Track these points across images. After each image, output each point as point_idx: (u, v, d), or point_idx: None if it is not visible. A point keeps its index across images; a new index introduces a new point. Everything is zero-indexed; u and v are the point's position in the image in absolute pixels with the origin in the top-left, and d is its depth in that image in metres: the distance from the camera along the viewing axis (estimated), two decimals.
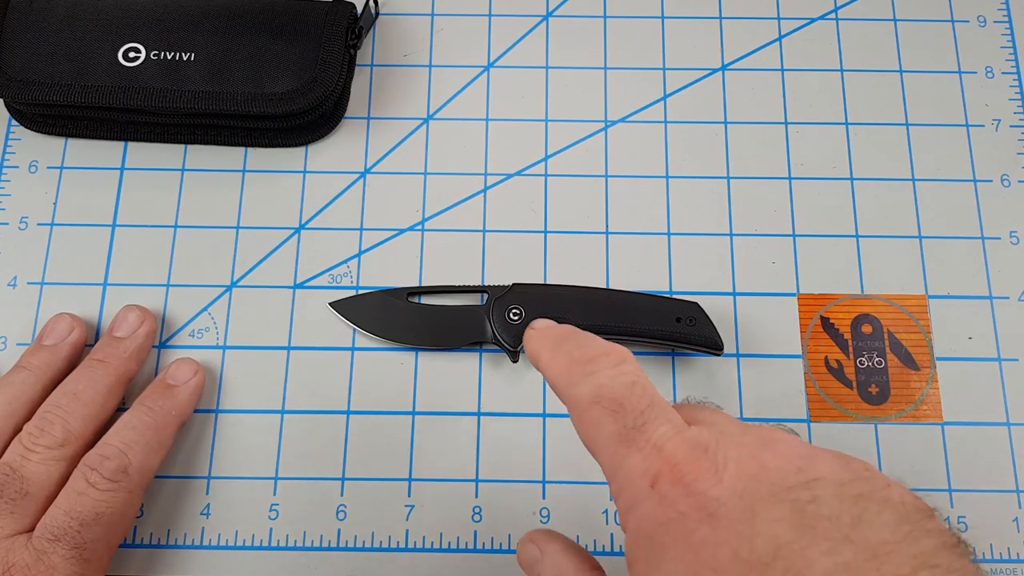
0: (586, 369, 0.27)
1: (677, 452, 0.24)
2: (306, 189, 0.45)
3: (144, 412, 0.38)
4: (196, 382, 0.40)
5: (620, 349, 0.28)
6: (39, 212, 0.44)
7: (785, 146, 0.45)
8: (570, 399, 0.27)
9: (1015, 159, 0.45)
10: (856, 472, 0.24)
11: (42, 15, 0.43)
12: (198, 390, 0.40)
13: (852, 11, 0.48)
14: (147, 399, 0.38)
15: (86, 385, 0.38)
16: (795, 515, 0.22)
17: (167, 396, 0.39)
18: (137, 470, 0.36)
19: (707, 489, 0.23)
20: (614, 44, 0.48)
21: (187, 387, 0.39)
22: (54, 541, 0.33)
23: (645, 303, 0.41)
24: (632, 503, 0.25)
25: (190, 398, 0.39)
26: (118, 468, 0.35)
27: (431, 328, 0.41)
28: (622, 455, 0.25)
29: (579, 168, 0.45)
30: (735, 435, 0.25)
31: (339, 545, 0.39)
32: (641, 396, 0.26)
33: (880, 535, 0.22)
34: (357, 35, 0.45)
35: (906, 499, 0.23)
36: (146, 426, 0.37)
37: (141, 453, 0.36)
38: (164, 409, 0.38)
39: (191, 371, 0.40)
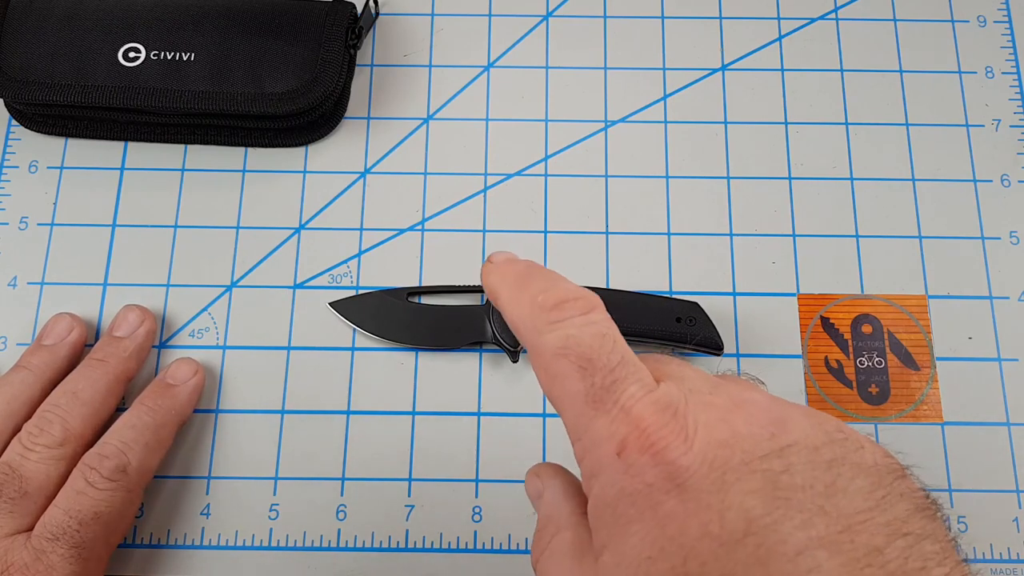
0: (552, 315, 0.25)
1: (645, 415, 0.22)
2: (306, 189, 0.45)
3: (144, 411, 0.38)
4: (196, 381, 0.40)
5: (589, 295, 0.25)
6: (39, 212, 0.44)
7: (785, 146, 0.45)
8: (534, 347, 0.25)
9: (1015, 159, 0.45)
10: (829, 434, 0.23)
11: (42, 15, 0.43)
12: (198, 389, 0.40)
13: (852, 11, 0.48)
14: (147, 399, 0.38)
15: (86, 384, 0.38)
16: (768, 486, 0.21)
17: (167, 396, 0.39)
18: (136, 469, 0.36)
19: (676, 458, 0.22)
20: (614, 44, 0.48)
21: (187, 386, 0.39)
22: (53, 540, 0.33)
23: (645, 303, 0.41)
24: (596, 469, 0.23)
25: (190, 397, 0.39)
26: (117, 467, 0.35)
27: (431, 328, 0.41)
28: (588, 416, 0.23)
29: (579, 168, 0.45)
30: (704, 393, 0.23)
31: (339, 545, 0.39)
32: (611, 351, 0.24)
33: (853, 503, 0.21)
34: (357, 35, 0.45)
35: (879, 460, 0.23)
36: (145, 425, 0.37)
37: (140, 452, 0.36)
38: (164, 408, 0.38)
39: (191, 371, 0.40)
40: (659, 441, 0.22)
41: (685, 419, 0.22)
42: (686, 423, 0.22)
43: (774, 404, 0.23)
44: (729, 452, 0.22)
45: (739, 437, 0.22)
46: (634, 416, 0.22)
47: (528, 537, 0.39)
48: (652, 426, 0.22)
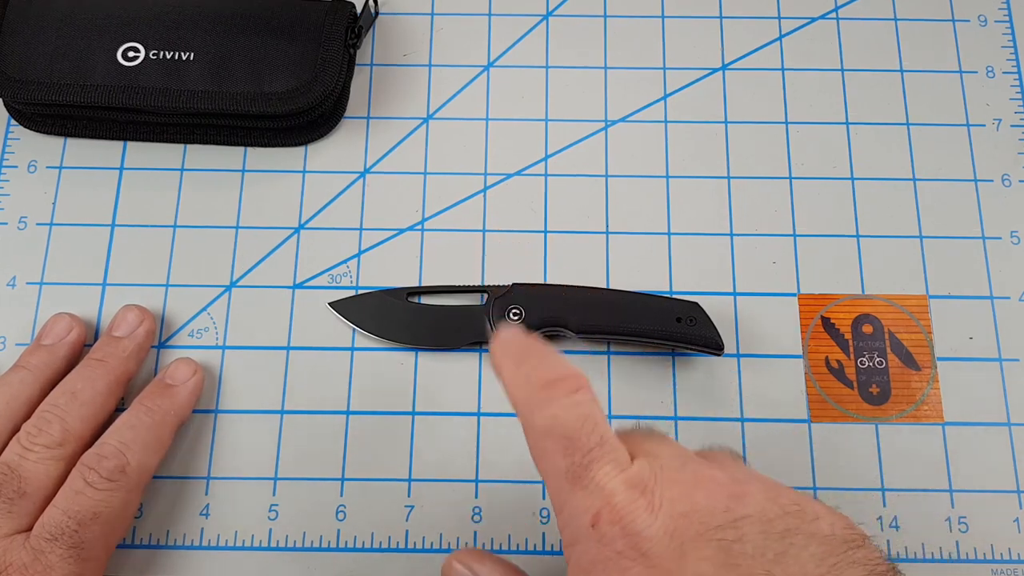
0: (541, 395, 0.27)
1: (617, 492, 0.25)
2: (306, 189, 0.45)
3: (143, 412, 0.37)
4: (195, 382, 0.40)
5: (577, 374, 0.28)
6: (38, 212, 0.44)
7: (785, 146, 0.45)
8: (525, 424, 0.28)
9: (1015, 159, 0.45)
10: (784, 507, 0.25)
11: (42, 15, 0.43)
12: (197, 390, 0.40)
13: (852, 11, 0.48)
14: (146, 399, 0.38)
15: (84, 384, 0.37)
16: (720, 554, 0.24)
17: (166, 396, 0.38)
18: (135, 469, 0.36)
19: (642, 529, 0.24)
20: (614, 44, 0.48)
21: (186, 387, 0.39)
22: (52, 540, 0.33)
23: (645, 303, 0.40)
24: (574, 539, 0.26)
25: (189, 398, 0.39)
26: (116, 467, 0.35)
27: (431, 328, 0.41)
28: (568, 491, 0.26)
29: (579, 168, 0.45)
30: (673, 470, 0.26)
31: (339, 545, 0.39)
32: (591, 432, 0.26)
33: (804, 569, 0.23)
34: (357, 35, 0.45)
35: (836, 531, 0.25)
36: (144, 426, 0.37)
37: (139, 452, 0.36)
38: (163, 409, 0.38)
39: (190, 371, 0.40)
40: (628, 515, 0.25)
41: (653, 495, 0.25)
42: (653, 498, 0.25)
43: (735, 480, 0.26)
44: (688, 523, 0.24)
45: (698, 510, 0.25)
46: (607, 492, 0.25)
47: (528, 537, 0.39)
48: (622, 501, 0.25)
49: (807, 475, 0.40)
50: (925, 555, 0.39)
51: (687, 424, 0.41)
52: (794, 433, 0.41)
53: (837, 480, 0.40)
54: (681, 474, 0.26)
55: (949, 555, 0.39)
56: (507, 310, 0.40)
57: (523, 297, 0.41)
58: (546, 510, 0.39)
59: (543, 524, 0.39)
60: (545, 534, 0.39)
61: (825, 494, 0.40)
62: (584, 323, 0.40)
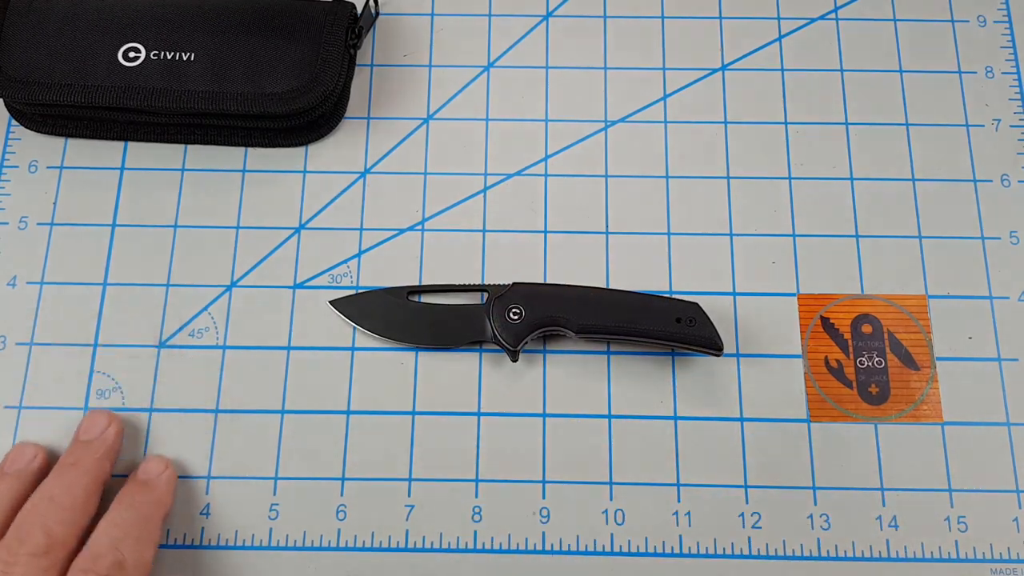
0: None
1: None
2: (306, 189, 0.45)
3: (124, 508, 0.36)
4: (169, 475, 0.39)
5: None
6: (39, 212, 0.44)
7: (785, 146, 0.45)
8: None
9: (1015, 159, 0.45)
10: None
11: (42, 15, 0.43)
12: (172, 481, 0.39)
13: (852, 11, 0.48)
14: (124, 497, 0.37)
15: (61, 490, 0.36)
16: None
17: (144, 490, 0.37)
18: (133, 564, 0.34)
19: None
20: (614, 44, 0.48)
21: (161, 479, 0.38)
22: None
23: (645, 303, 0.41)
24: None
25: (167, 487, 0.38)
26: (113, 563, 0.34)
27: (431, 327, 0.41)
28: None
29: (579, 168, 0.45)
30: None
31: (339, 545, 0.39)
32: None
33: None
34: (357, 35, 0.45)
35: None
36: (130, 522, 0.36)
37: (133, 546, 0.35)
38: (144, 502, 0.37)
39: (162, 465, 0.39)
40: None
41: None
42: None
43: None
44: None
45: None
46: None
47: (528, 537, 0.39)
48: None
49: (807, 475, 0.40)
50: (924, 554, 0.39)
51: (687, 424, 0.41)
52: (794, 433, 0.41)
53: (836, 480, 0.40)
54: None
55: (948, 554, 0.39)
56: (507, 309, 0.40)
57: (523, 297, 0.41)
58: (546, 509, 0.40)
59: (543, 524, 0.39)
60: (545, 534, 0.39)
61: (825, 494, 0.40)
62: (584, 323, 0.40)
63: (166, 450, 0.40)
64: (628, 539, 0.39)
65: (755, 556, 0.39)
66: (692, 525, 0.39)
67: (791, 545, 0.39)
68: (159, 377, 0.41)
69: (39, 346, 0.42)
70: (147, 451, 0.40)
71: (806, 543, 0.39)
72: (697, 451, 0.40)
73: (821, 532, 0.39)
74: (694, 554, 0.39)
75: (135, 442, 0.40)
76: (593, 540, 0.39)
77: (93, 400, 0.41)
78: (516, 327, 0.40)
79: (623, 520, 0.39)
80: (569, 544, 0.39)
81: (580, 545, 0.39)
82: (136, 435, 0.40)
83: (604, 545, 0.39)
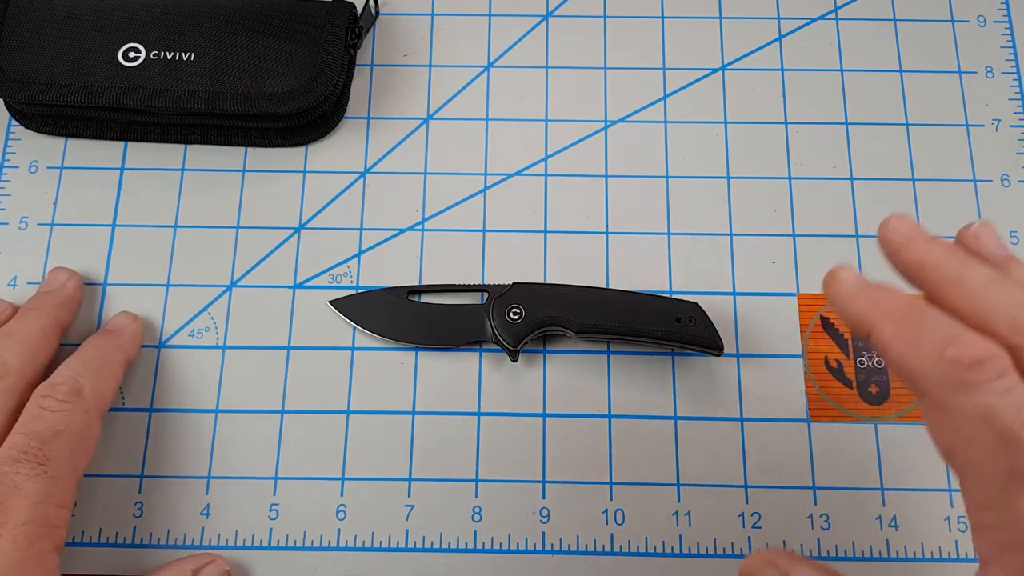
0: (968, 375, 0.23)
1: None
2: (306, 189, 0.45)
3: (88, 349, 0.39)
4: (136, 328, 0.41)
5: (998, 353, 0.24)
6: (39, 212, 0.44)
7: (785, 146, 0.45)
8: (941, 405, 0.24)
9: (1015, 159, 0.45)
10: None
11: (42, 15, 0.43)
12: (139, 333, 0.41)
13: (852, 11, 0.48)
14: (90, 341, 0.39)
15: (18, 327, 0.38)
16: None
17: (109, 336, 0.40)
18: (91, 392, 0.36)
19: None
20: (614, 44, 0.48)
21: (128, 328, 0.41)
22: (16, 462, 0.33)
23: (645, 303, 0.41)
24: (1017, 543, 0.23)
25: (132, 337, 0.41)
26: (71, 390, 0.36)
27: (431, 327, 0.41)
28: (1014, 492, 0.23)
29: (579, 168, 0.45)
30: None
31: (339, 545, 0.39)
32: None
33: None
34: (357, 35, 0.45)
35: None
36: (91, 358, 0.38)
37: (92, 378, 0.37)
38: (108, 345, 0.39)
39: (130, 319, 0.41)
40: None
41: None
42: None
43: None
44: None
45: None
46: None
47: (528, 537, 0.39)
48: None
49: (807, 475, 0.40)
50: (924, 554, 0.39)
51: (687, 424, 0.41)
52: (793, 433, 0.41)
53: (836, 480, 0.40)
54: None
55: (948, 554, 0.39)
56: (507, 309, 0.40)
57: (523, 296, 0.41)
58: (546, 509, 0.40)
59: (543, 524, 0.39)
60: (545, 534, 0.39)
61: (825, 494, 0.40)
62: (584, 323, 0.40)
63: (166, 450, 0.40)
64: (628, 539, 0.39)
65: None
66: (692, 525, 0.39)
67: (791, 545, 0.39)
68: (159, 377, 0.41)
69: None
70: (147, 450, 0.40)
71: (806, 543, 0.39)
72: (697, 451, 0.40)
73: (821, 532, 0.39)
74: (694, 554, 0.39)
75: (135, 442, 0.40)
76: (593, 540, 0.39)
77: None
78: (516, 327, 0.40)
79: (623, 520, 0.39)
80: (569, 544, 0.39)
81: (580, 545, 0.39)
82: (136, 435, 0.40)
83: (604, 545, 0.39)
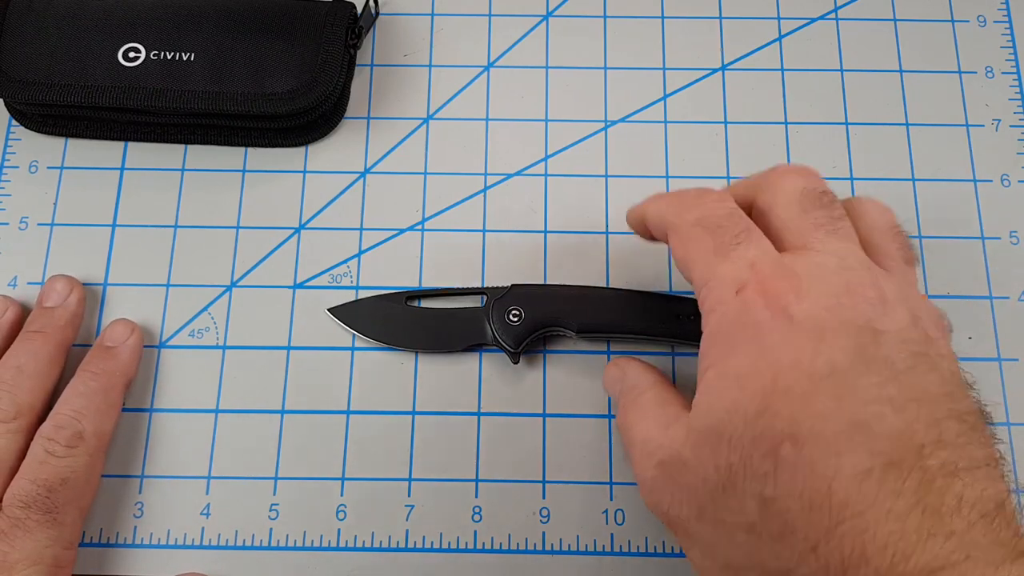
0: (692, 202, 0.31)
1: (766, 269, 0.28)
2: (306, 189, 0.45)
3: (89, 378, 0.39)
4: (134, 340, 0.41)
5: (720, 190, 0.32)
6: (39, 212, 0.44)
7: (785, 146, 0.45)
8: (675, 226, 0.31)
9: (1015, 159, 0.45)
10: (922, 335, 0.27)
11: (42, 15, 0.43)
12: (138, 348, 0.41)
13: (852, 11, 0.48)
14: (90, 364, 0.39)
15: (28, 358, 0.38)
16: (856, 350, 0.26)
17: (108, 358, 0.39)
18: (92, 434, 0.37)
19: (786, 306, 0.27)
20: (614, 44, 0.48)
21: (126, 346, 0.40)
22: (25, 508, 0.34)
23: (645, 301, 0.41)
24: (716, 304, 0.29)
25: (131, 356, 0.40)
26: (74, 435, 0.36)
27: (431, 332, 0.41)
28: (714, 264, 0.29)
29: (579, 168, 0.45)
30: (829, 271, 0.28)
31: (339, 545, 0.39)
32: (739, 221, 0.30)
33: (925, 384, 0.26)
34: (357, 35, 0.45)
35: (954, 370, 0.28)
36: (93, 391, 0.38)
37: (93, 418, 0.37)
38: (108, 371, 0.39)
39: (128, 330, 0.41)
40: (773, 289, 0.27)
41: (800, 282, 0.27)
42: (800, 285, 0.27)
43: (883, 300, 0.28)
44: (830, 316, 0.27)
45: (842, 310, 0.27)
46: (757, 268, 0.28)
47: (528, 537, 0.39)
48: (770, 277, 0.28)
49: None
50: None
51: None
52: None
53: None
54: (835, 276, 0.28)
55: None
56: (507, 311, 0.40)
57: (522, 298, 0.41)
58: (546, 509, 0.40)
59: (543, 524, 0.39)
60: (545, 534, 0.39)
61: None
62: (584, 322, 0.40)
63: (166, 450, 0.40)
64: (628, 539, 0.39)
65: None
66: None
67: None
68: (159, 377, 0.41)
69: None
70: (147, 450, 0.40)
71: None
72: None
73: None
74: None
75: (135, 442, 0.40)
76: (593, 540, 0.39)
77: None
78: (516, 329, 0.40)
79: (623, 520, 0.39)
80: (569, 544, 0.39)
81: (580, 545, 0.39)
82: (136, 435, 0.40)
83: (604, 545, 0.39)
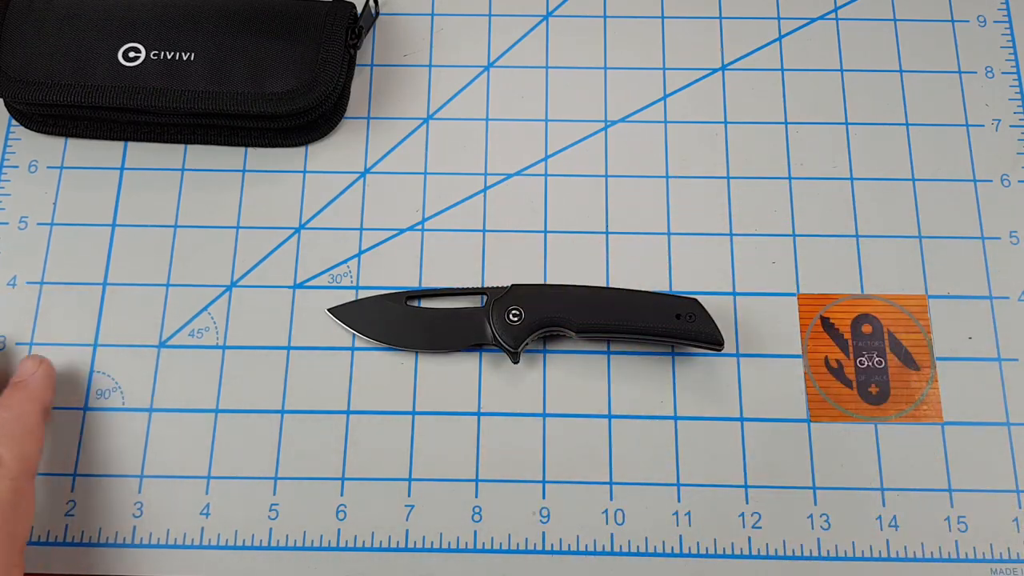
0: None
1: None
2: (306, 189, 0.45)
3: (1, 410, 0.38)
4: (44, 371, 0.40)
5: None
6: (39, 212, 0.44)
7: (785, 146, 0.45)
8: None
9: (1015, 159, 0.45)
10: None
11: (42, 15, 0.43)
12: (48, 377, 0.40)
13: (852, 11, 0.48)
14: (2, 401, 0.38)
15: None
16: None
17: (19, 390, 0.39)
18: (13, 458, 0.36)
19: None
20: (614, 44, 0.48)
21: (35, 377, 0.40)
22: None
23: (644, 301, 0.41)
24: None
25: (43, 383, 0.39)
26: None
27: (431, 332, 0.41)
28: None
29: (579, 168, 0.45)
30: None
31: (339, 545, 0.39)
32: None
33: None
34: (357, 35, 0.45)
35: None
36: (5, 421, 0.37)
37: (9, 443, 0.36)
38: (18, 400, 0.38)
39: (36, 363, 0.40)
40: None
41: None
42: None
43: None
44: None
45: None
46: None
47: (528, 537, 0.39)
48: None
49: (806, 475, 0.40)
50: (924, 554, 0.39)
51: (687, 424, 0.41)
52: (793, 432, 0.41)
53: (836, 479, 0.40)
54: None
55: (948, 554, 0.39)
56: (507, 311, 0.40)
57: (522, 298, 0.41)
58: (546, 509, 0.40)
59: (543, 524, 0.39)
60: (545, 534, 0.39)
61: (825, 494, 0.40)
62: (584, 322, 0.40)
63: (166, 450, 0.40)
64: (628, 539, 0.39)
65: (755, 556, 0.39)
66: (692, 525, 0.39)
67: (791, 545, 0.39)
68: (159, 377, 0.41)
69: (39, 346, 0.42)
70: (147, 450, 0.40)
71: (806, 543, 0.39)
72: (697, 451, 0.40)
73: (821, 532, 0.39)
74: (694, 554, 0.39)
75: (135, 443, 0.40)
76: (593, 540, 0.39)
77: (93, 400, 0.41)
78: (516, 329, 0.40)
79: (623, 520, 0.39)
80: (569, 544, 0.39)
81: (580, 545, 0.39)
82: (136, 435, 0.40)
83: (604, 545, 0.39)
